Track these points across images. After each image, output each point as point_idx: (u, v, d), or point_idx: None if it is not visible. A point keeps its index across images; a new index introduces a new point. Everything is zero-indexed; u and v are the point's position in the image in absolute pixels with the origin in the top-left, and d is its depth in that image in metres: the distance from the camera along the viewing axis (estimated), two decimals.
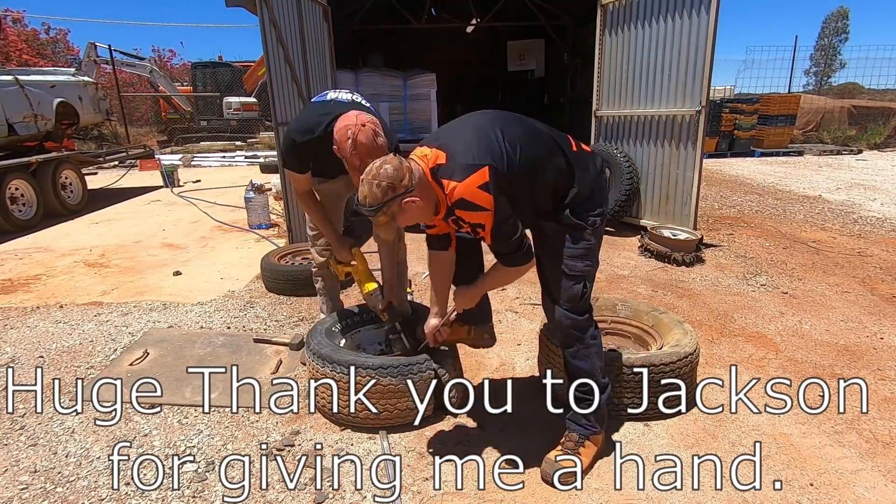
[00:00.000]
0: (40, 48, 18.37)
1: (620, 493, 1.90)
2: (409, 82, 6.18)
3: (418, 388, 2.18)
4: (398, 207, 1.71)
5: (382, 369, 2.16)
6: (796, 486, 1.92)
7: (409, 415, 2.22)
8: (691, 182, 4.73)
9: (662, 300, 3.64)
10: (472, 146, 1.74)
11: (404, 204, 1.71)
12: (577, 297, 1.94)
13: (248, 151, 13.55)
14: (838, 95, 16.79)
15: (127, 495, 1.92)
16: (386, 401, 2.18)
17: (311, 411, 2.25)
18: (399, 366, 2.18)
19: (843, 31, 29.59)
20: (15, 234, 5.90)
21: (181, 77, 20.73)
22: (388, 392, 2.17)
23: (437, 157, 1.77)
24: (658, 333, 2.59)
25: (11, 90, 6.74)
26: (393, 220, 1.76)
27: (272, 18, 4.27)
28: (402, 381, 2.16)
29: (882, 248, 4.81)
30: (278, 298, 3.80)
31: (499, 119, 1.87)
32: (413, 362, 2.20)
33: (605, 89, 5.60)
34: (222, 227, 6.05)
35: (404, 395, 2.17)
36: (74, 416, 2.41)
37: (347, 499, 1.89)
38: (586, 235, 1.92)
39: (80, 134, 11.69)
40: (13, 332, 3.33)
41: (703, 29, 4.40)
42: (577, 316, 1.96)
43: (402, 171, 1.70)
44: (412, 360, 2.22)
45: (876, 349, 2.94)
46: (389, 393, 2.17)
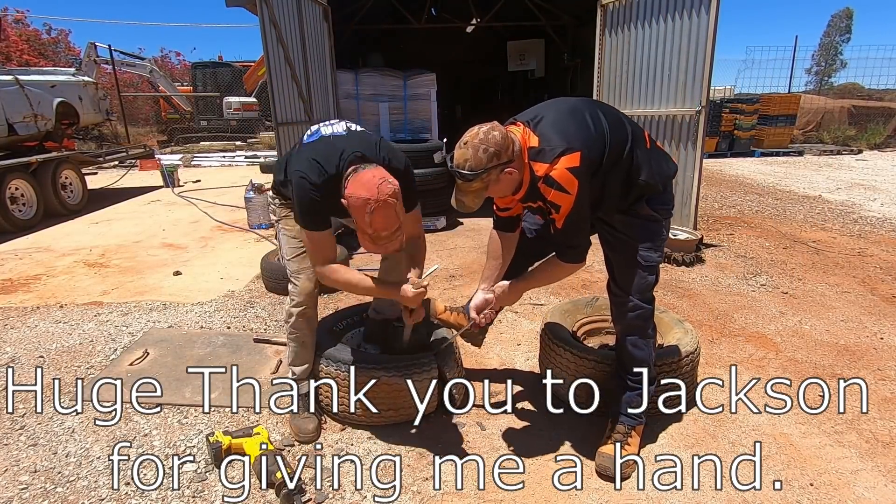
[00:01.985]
0: (41, 48, 18.38)
1: (620, 493, 1.90)
2: (409, 82, 6.18)
3: (419, 387, 2.18)
4: (496, 176, 1.71)
5: (386, 368, 2.16)
6: (796, 486, 1.92)
7: (410, 413, 2.23)
8: (691, 182, 4.73)
9: (662, 300, 3.64)
10: (567, 130, 1.75)
11: (502, 175, 1.71)
12: (648, 287, 2.00)
13: (248, 151, 13.55)
14: (838, 95, 16.78)
15: (127, 495, 1.92)
16: (387, 399, 2.19)
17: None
18: (402, 365, 2.18)
19: (846, 31, 29.62)
20: (15, 234, 5.90)
21: (181, 77, 20.74)
22: (390, 391, 2.17)
23: (531, 137, 1.78)
24: (659, 333, 2.59)
25: (11, 90, 6.74)
26: (485, 190, 1.75)
27: (272, 18, 4.27)
28: (404, 381, 2.16)
29: (882, 248, 4.81)
30: (278, 298, 3.80)
31: (589, 105, 1.90)
32: (416, 361, 2.20)
33: (605, 89, 5.60)
34: (222, 227, 6.05)
35: (405, 393, 2.17)
36: (74, 416, 2.41)
37: (347, 499, 1.89)
38: (659, 228, 1.97)
39: (80, 134, 11.70)
40: (13, 332, 3.33)
41: (703, 29, 4.40)
42: (646, 305, 2.01)
43: (507, 140, 1.71)
44: (416, 358, 2.22)
45: (876, 349, 2.94)
46: (392, 392, 2.17)
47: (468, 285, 3.92)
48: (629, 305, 2.00)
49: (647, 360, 2.06)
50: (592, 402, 2.19)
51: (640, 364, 2.05)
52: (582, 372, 2.26)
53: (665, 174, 1.95)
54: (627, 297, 2.00)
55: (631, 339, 2.04)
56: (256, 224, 5.86)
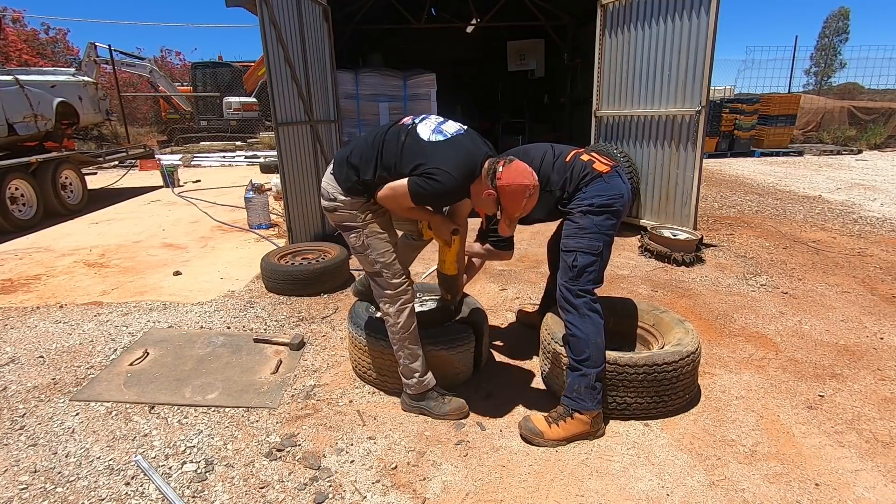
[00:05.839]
0: (40, 48, 18.36)
1: (621, 492, 1.90)
2: (409, 82, 6.17)
3: (461, 358, 2.53)
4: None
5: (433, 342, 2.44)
6: (797, 485, 1.92)
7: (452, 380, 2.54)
8: (691, 182, 4.73)
9: (662, 300, 3.64)
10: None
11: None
12: (566, 270, 2.29)
13: (248, 151, 13.55)
14: (838, 95, 16.80)
15: (127, 495, 1.92)
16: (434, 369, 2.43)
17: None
18: (446, 339, 2.47)
19: (843, 31, 29.61)
20: (15, 234, 5.90)
21: (181, 77, 20.73)
22: (438, 362, 2.45)
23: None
24: (659, 332, 2.59)
25: (11, 90, 6.74)
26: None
27: (272, 18, 4.27)
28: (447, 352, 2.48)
29: (882, 248, 4.81)
30: (278, 298, 3.80)
31: (535, 146, 2.50)
32: (458, 335, 2.51)
33: (605, 89, 5.60)
34: (222, 227, 6.05)
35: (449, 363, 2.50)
36: (74, 416, 2.41)
37: (347, 499, 1.89)
38: (573, 222, 2.33)
39: (80, 134, 11.71)
40: (13, 332, 3.33)
41: (702, 29, 4.40)
42: (569, 286, 2.26)
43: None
44: (457, 332, 2.52)
45: (876, 349, 2.94)
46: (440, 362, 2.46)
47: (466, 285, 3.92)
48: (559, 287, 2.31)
49: (581, 345, 2.18)
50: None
51: (575, 347, 2.20)
52: None
53: (567, 181, 2.34)
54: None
55: (565, 319, 2.26)
56: (256, 224, 5.86)
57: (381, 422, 2.33)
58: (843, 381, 2.61)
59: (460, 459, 2.08)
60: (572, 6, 8.54)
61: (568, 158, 2.39)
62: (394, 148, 2.16)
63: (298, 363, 2.85)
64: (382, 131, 2.25)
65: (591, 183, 2.30)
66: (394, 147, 2.16)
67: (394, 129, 2.23)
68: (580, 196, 2.30)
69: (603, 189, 2.29)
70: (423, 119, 2.25)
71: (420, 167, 2.08)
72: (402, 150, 2.14)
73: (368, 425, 2.30)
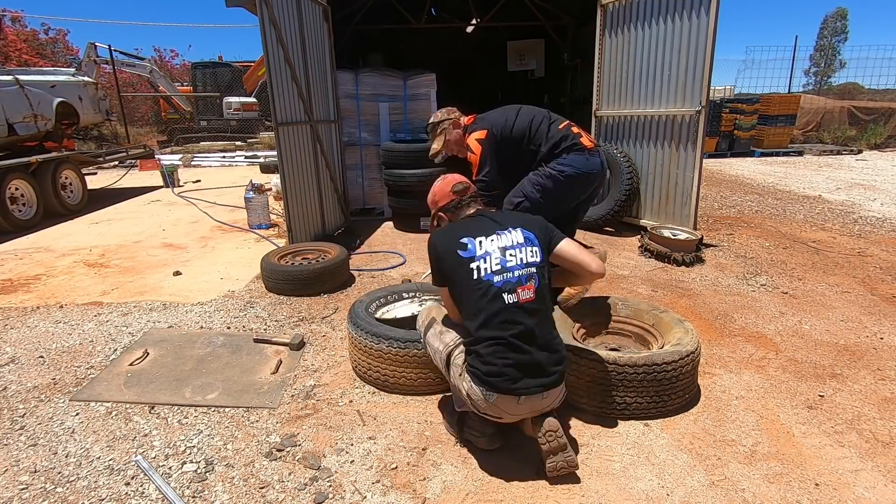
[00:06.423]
0: (40, 48, 18.36)
1: (621, 492, 1.90)
2: (409, 82, 6.16)
3: None
4: (448, 127, 3.29)
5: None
6: (797, 485, 1.92)
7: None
8: (691, 182, 4.73)
9: (662, 300, 3.64)
10: (486, 118, 3.21)
11: (451, 129, 3.29)
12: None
13: (248, 151, 13.55)
14: (838, 95, 16.78)
15: (127, 495, 1.92)
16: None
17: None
18: None
19: (842, 31, 29.59)
20: (15, 234, 5.90)
21: (181, 77, 20.73)
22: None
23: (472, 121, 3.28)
24: (659, 332, 2.59)
25: (11, 90, 6.74)
26: (443, 138, 3.27)
27: (272, 18, 4.26)
28: None
29: (882, 248, 4.81)
30: (278, 298, 3.80)
31: (517, 107, 3.20)
32: None
33: (605, 89, 5.60)
34: (222, 227, 6.05)
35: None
36: (74, 416, 2.41)
37: (347, 499, 1.89)
38: (544, 177, 3.00)
39: (80, 134, 11.71)
40: (13, 332, 3.33)
41: (702, 29, 4.40)
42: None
43: (454, 114, 3.37)
44: None
45: (876, 349, 2.94)
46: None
47: None
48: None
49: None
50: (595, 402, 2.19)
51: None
52: (582, 372, 2.25)
53: (555, 145, 3.00)
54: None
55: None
56: (256, 224, 5.86)
57: (381, 422, 2.33)
58: (843, 381, 2.61)
59: (460, 459, 2.08)
60: (572, 6, 8.54)
61: (562, 126, 3.05)
62: None
63: (298, 363, 2.85)
64: None
65: (573, 152, 2.89)
66: None
67: None
68: (560, 160, 2.90)
69: (580, 162, 2.90)
70: None
71: None
72: None
73: (368, 425, 2.30)
